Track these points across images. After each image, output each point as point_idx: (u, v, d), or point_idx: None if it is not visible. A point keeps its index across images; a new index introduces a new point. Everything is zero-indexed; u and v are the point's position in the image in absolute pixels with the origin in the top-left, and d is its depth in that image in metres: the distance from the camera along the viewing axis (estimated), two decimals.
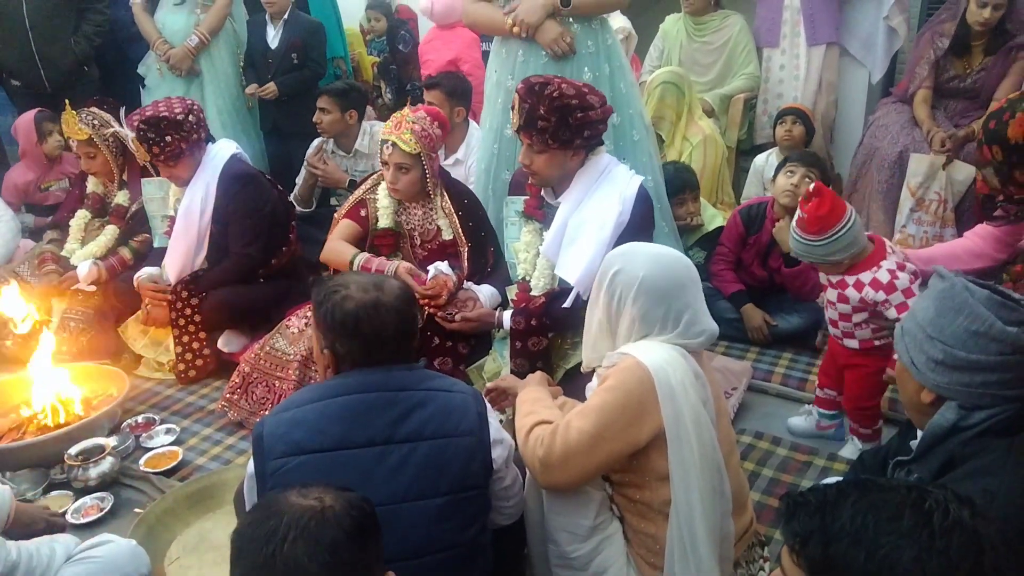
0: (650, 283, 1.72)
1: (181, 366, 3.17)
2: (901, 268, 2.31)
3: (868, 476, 1.11)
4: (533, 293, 2.60)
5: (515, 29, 2.92)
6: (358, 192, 3.04)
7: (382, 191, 2.93)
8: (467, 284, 2.83)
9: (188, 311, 3.12)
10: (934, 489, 1.00)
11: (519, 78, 2.76)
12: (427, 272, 2.82)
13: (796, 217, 2.38)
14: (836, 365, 2.58)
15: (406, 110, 2.82)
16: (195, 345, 3.16)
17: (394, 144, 2.74)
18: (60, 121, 3.99)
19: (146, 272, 3.29)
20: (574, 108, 2.35)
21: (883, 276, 2.30)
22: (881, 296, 2.29)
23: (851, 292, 2.34)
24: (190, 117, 3.07)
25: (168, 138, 3.01)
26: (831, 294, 2.42)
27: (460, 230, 2.87)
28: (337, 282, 1.69)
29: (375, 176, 3.02)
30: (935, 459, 1.50)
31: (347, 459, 1.54)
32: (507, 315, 2.61)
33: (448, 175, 3.02)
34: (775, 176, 3.27)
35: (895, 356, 1.65)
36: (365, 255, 2.86)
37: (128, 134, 3.00)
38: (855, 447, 2.54)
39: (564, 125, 2.36)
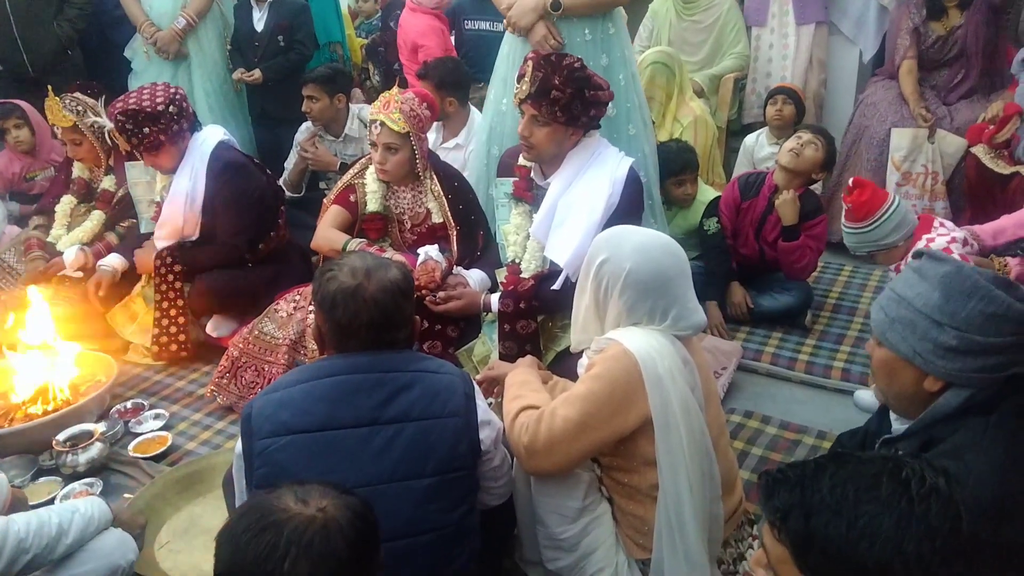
0: (635, 277, 1.71)
1: (164, 339, 3.13)
2: (941, 235, 2.39)
3: (846, 450, 1.11)
4: (523, 275, 2.59)
5: (510, 29, 2.98)
6: (346, 177, 3.02)
7: (370, 175, 2.91)
8: (457, 268, 2.82)
9: (171, 277, 3.10)
10: (909, 459, 1.01)
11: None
12: (416, 256, 2.80)
13: (844, 212, 2.53)
14: None
15: (395, 90, 2.79)
16: (179, 319, 3.13)
17: (382, 123, 2.72)
18: (12, 116, 3.98)
19: (109, 263, 3.29)
20: (589, 83, 2.35)
21: (920, 244, 2.38)
22: None
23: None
24: (170, 108, 3.01)
25: (146, 130, 2.98)
26: None
27: (449, 213, 2.85)
28: (337, 262, 1.69)
29: (363, 160, 3.01)
30: (916, 438, 1.51)
31: (333, 439, 1.54)
32: (495, 298, 2.60)
33: (438, 158, 3.00)
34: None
35: (871, 349, 1.56)
36: (359, 241, 2.86)
37: (107, 124, 2.97)
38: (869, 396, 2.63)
39: (578, 98, 2.35)
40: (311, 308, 2.43)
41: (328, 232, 2.91)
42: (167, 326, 3.14)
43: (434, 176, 2.87)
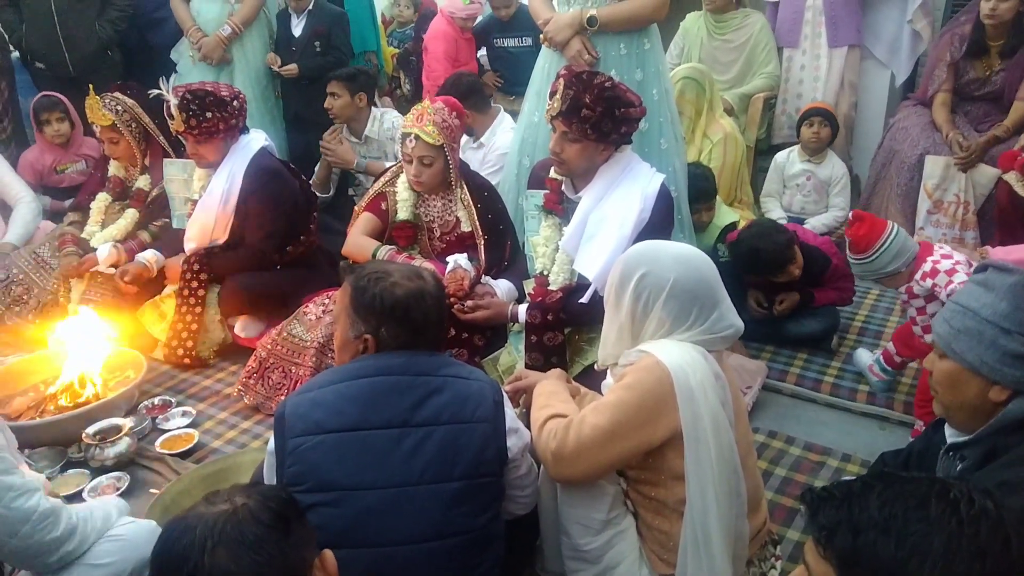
0: (681, 286, 1.71)
1: (174, 343, 3.16)
2: (946, 257, 2.48)
3: (890, 471, 1.11)
4: (551, 287, 2.60)
5: (546, 44, 3.01)
6: (377, 184, 3.06)
7: (401, 183, 2.94)
8: (485, 278, 2.83)
9: (195, 284, 3.14)
10: (956, 482, 1.01)
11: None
12: (445, 264, 2.82)
13: (847, 244, 2.63)
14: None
15: (426, 102, 2.82)
16: (193, 326, 3.16)
17: (417, 136, 2.75)
18: (56, 109, 4.08)
19: (145, 256, 3.34)
20: (620, 101, 2.35)
21: (926, 267, 2.46)
22: (928, 283, 2.45)
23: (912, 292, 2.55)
24: (235, 102, 3.13)
25: (209, 114, 3.05)
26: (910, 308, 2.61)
27: (478, 222, 2.87)
28: (377, 269, 1.73)
29: (394, 168, 3.03)
30: (981, 445, 1.52)
31: (364, 440, 1.56)
32: (522, 308, 2.61)
33: (467, 167, 3.02)
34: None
35: (932, 363, 1.58)
36: (389, 249, 2.89)
37: (171, 100, 3.04)
38: (871, 361, 2.86)
39: (608, 116, 2.36)
40: None
41: (359, 239, 2.94)
42: (180, 331, 3.17)
43: (464, 185, 2.90)
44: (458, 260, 2.80)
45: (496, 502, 1.67)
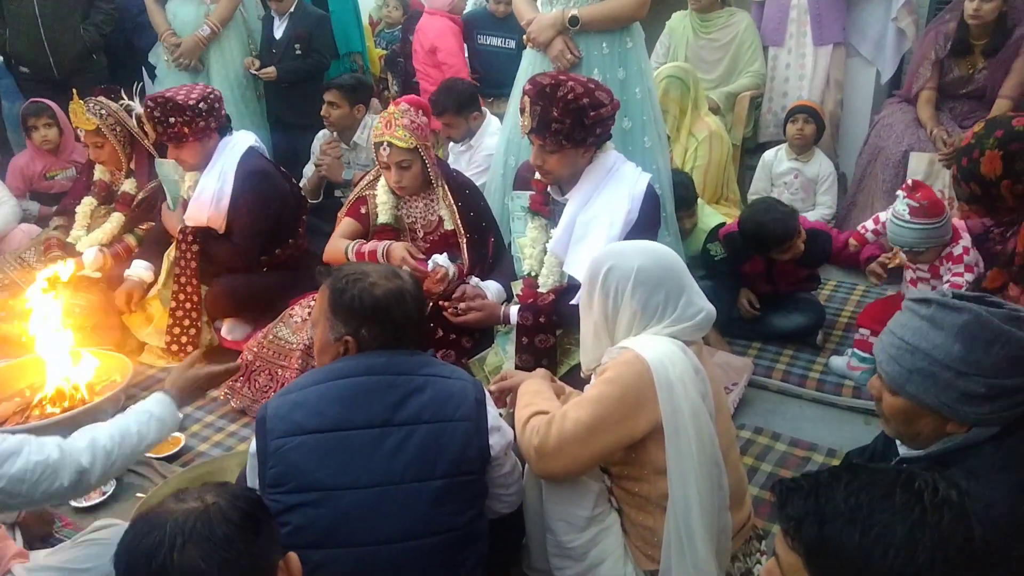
0: (645, 272, 1.74)
1: (177, 330, 3.17)
2: (966, 252, 2.72)
3: (858, 462, 1.11)
4: (540, 289, 2.60)
5: (529, 44, 3.03)
6: (357, 189, 3.06)
7: (381, 187, 2.94)
8: (474, 280, 2.83)
9: (189, 255, 3.15)
10: (922, 472, 1.01)
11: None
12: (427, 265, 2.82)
13: (909, 209, 2.68)
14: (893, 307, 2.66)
15: (392, 107, 2.81)
16: (195, 297, 3.17)
17: (390, 143, 2.74)
18: (43, 115, 4.06)
19: (136, 272, 3.33)
20: (587, 107, 2.35)
21: (956, 250, 2.73)
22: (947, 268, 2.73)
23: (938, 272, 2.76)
24: (201, 104, 3.09)
25: (171, 119, 3.05)
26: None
27: (460, 221, 2.87)
28: (354, 270, 1.73)
29: (374, 171, 3.03)
30: (929, 460, 1.50)
31: (346, 439, 1.56)
32: (514, 310, 2.61)
33: (447, 165, 3.02)
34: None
35: (879, 392, 1.53)
36: (355, 243, 2.89)
37: (137, 109, 3.05)
38: (846, 361, 2.94)
39: (579, 125, 2.36)
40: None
41: (335, 242, 2.96)
42: (181, 318, 3.18)
43: (445, 184, 2.90)
44: (437, 260, 2.80)
45: (479, 500, 1.68)
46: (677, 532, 1.69)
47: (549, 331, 2.53)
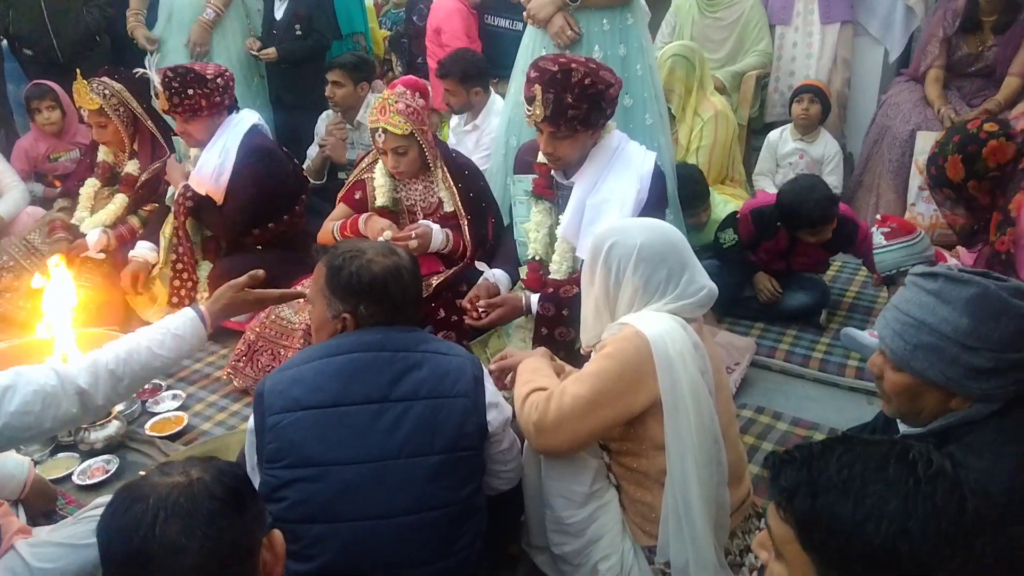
0: (648, 248, 1.74)
1: (177, 283, 3.21)
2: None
3: (852, 434, 1.10)
4: (553, 276, 2.58)
5: (530, 21, 3.01)
6: (356, 171, 3.06)
7: (379, 170, 2.92)
8: (484, 271, 2.76)
9: (181, 212, 3.21)
10: (916, 443, 1.00)
11: (550, 51, 2.83)
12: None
13: (884, 236, 2.81)
14: None
15: (386, 92, 2.78)
16: (188, 260, 3.23)
17: (385, 130, 2.71)
18: (46, 97, 4.06)
19: (140, 253, 3.34)
20: (603, 90, 2.33)
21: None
22: None
23: None
24: (219, 80, 3.14)
25: (191, 91, 3.06)
26: None
27: (460, 202, 2.84)
28: (351, 248, 1.73)
29: (372, 154, 3.01)
30: (931, 437, 1.50)
31: (343, 416, 1.56)
32: (535, 299, 2.56)
33: (446, 146, 2.99)
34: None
35: (881, 369, 1.51)
36: (339, 222, 2.90)
37: (155, 79, 3.05)
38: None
39: (596, 109, 2.35)
40: None
41: (326, 225, 2.98)
42: (181, 270, 3.22)
43: (443, 166, 2.87)
44: (429, 224, 2.79)
45: (477, 475, 1.68)
46: (675, 507, 1.69)
47: (571, 324, 2.46)
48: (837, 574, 0.98)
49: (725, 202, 3.64)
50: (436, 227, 2.80)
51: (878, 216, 3.01)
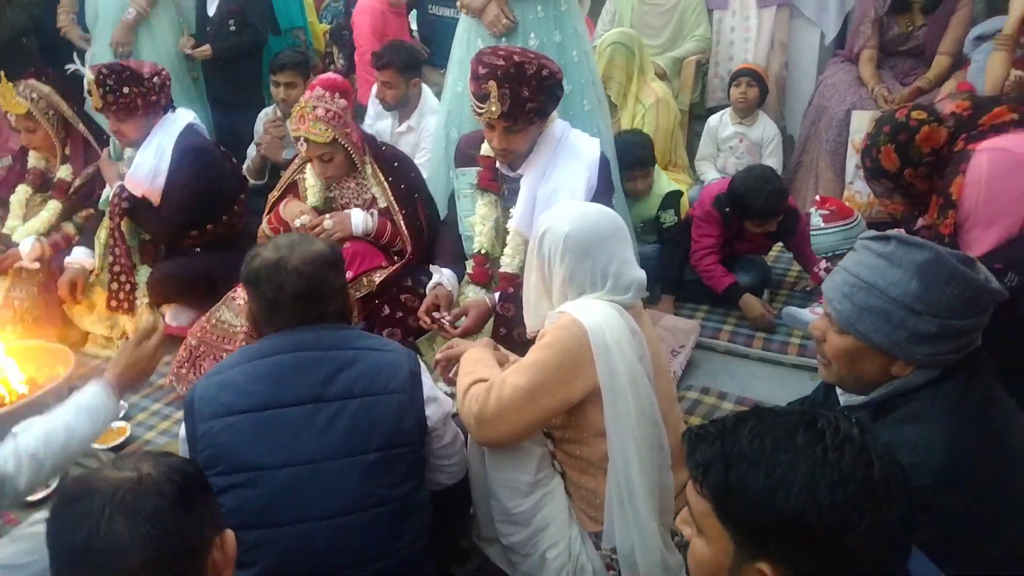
0: (574, 239, 1.74)
1: (115, 286, 3.12)
2: None
3: (764, 406, 1.12)
4: (504, 270, 2.56)
5: (464, 11, 2.97)
6: (287, 174, 3.02)
7: (310, 170, 2.89)
8: (435, 275, 2.66)
9: (116, 213, 3.11)
10: (825, 412, 1.02)
11: (486, 41, 2.83)
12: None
13: (822, 218, 2.92)
14: None
15: (302, 99, 2.73)
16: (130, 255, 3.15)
17: (307, 139, 2.67)
18: None
19: (76, 259, 3.24)
20: (554, 80, 2.34)
21: None
22: None
23: None
24: (155, 79, 3.07)
25: (125, 89, 2.98)
26: None
27: (392, 196, 2.81)
28: (265, 243, 1.71)
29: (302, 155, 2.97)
30: (870, 408, 1.52)
31: (275, 418, 1.54)
32: (496, 297, 2.52)
33: (373, 139, 2.94)
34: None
35: (823, 332, 1.54)
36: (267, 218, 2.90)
37: (88, 75, 2.96)
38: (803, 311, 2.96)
39: (552, 99, 2.36)
40: None
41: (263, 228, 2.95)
42: (118, 273, 3.13)
43: (373, 162, 2.83)
44: (353, 214, 2.77)
45: (416, 471, 1.67)
46: (618, 492, 1.71)
47: None
48: (753, 544, 1.00)
49: (669, 182, 3.65)
50: (356, 210, 2.77)
51: (816, 197, 3.06)
